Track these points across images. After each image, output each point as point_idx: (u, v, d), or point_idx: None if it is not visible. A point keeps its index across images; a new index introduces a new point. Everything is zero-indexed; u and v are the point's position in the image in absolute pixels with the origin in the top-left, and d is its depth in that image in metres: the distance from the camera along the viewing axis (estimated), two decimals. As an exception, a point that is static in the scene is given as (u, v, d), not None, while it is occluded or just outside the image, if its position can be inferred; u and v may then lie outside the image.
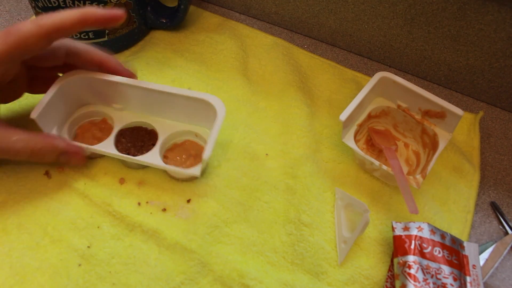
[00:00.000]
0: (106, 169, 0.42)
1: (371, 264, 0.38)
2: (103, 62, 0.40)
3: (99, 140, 0.42)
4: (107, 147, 0.41)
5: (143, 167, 0.42)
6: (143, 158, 0.40)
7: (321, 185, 0.42)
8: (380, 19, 0.52)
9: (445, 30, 0.49)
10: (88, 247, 0.37)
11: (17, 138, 0.36)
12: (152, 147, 0.41)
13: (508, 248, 0.40)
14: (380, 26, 0.53)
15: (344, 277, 0.37)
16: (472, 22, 0.46)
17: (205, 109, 0.40)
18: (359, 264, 0.38)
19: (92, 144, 0.41)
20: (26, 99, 0.45)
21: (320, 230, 0.40)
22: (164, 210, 0.40)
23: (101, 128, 0.44)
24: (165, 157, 0.42)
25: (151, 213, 0.39)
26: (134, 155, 0.41)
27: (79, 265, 0.36)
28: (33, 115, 0.38)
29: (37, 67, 0.40)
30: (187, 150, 0.43)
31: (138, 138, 0.43)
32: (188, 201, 0.40)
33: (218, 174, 0.42)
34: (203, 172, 0.42)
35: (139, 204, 0.40)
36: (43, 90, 0.39)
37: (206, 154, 0.37)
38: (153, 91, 0.40)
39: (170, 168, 0.39)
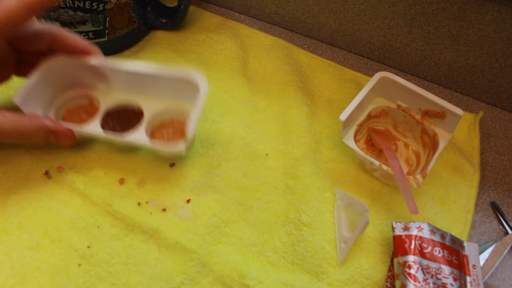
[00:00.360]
0: (106, 169, 0.42)
1: (371, 264, 0.38)
2: (87, 51, 0.41)
3: (86, 122, 0.42)
4: (93, 128, 0.41)
5: (131, 148, 0.43)
6: (128, 137, 0.40)
7: (321, 185, 0.42)
8: (380, 19, 0.52)
9: (445, 30, 0.49)
10: (88, 247, 0.37)
11: (4, 119, 0.36)
12: (138, 126, 0.41)
13: (508, 248, 0.40)
14: (380, 26, 0.53)
15: (344, 277, 0.37)
16: (472, 22, 0.46)
17: (188, 86, 0.41)
18: (359, 264, 0.38)
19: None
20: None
21: (320, 230, 0.40)
22: (164, 210, 0.40)
23: (88, 111, 0.44)
24: (152, 135, 0.42)
25: (151, 213, 0.39)
26: (120, 135, 0.41)
27: (79, 265, 0.36)
28: (16, 100, 0.37)
29: (24, 51, 0.40)
30: (174, 128, 0.43)
31: (124, 118, 0.43)
32: (188, 201, 0.40)
33: (218, 174, 0.43)
34: (189, 150, 0.43)
35: (139, 204, 0.40)
36: (30, 74, 0.40)
37: (190, 132, 0.37)
38: (135, 73, 0.41)
39: (154, 145, 0.40)
